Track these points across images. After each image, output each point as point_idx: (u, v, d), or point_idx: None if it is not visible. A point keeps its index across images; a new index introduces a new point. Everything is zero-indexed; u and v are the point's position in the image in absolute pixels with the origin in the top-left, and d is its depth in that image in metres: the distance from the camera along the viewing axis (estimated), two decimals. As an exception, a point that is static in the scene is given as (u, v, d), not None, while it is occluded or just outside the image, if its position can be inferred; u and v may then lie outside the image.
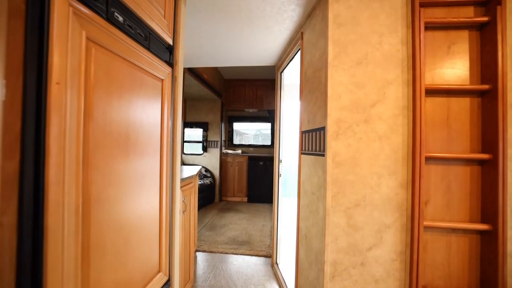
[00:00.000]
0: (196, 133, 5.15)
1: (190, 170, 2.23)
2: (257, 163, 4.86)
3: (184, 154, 5.06)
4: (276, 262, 2.30)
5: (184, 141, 5.09)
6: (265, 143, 5.54)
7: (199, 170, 2.34)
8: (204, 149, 4.96)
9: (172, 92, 1.21)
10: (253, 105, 5.06)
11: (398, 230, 1.12)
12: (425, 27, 1.11)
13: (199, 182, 4.26)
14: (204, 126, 4.97)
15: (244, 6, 1.46)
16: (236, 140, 5.66)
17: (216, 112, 4.99)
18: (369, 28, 1.15)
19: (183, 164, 4.93)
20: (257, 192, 4.84)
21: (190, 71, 3.24)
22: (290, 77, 3.21)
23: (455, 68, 1.13)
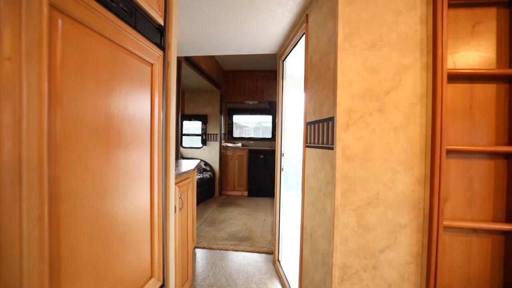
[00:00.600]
0: (195, 126, 5.03)
1: (188, 165, 2.13)
2: (258, 157, 4.76)
3: (183, 148, 4.95)
4: (278, 259, 2.22)
5: (183, 134, 4.98)
6: (266, 136, 5.42)
7: (197, 164, 2.24)
8: (203, 142, 4.85)
9: (164, 79, 1.09)
10: (254, 97, 4.93)
11: (414, 231, 1.02)
12: (448, 4, 0.98)
13: (199, 176, 4.17)
14: (203, 119, 4.85)
15: (244, -15, 1.33)
16: (236, 133, 5.55)
17: (215, 104, 4.85)
18: (384, 6, 1.02)
19: (182, 158, 4.83)
20: (258, 186, 4.76)
21: (188, 61, 3.10)
22: (293, 68, 3.07)
23: (480, 51, 1.01)
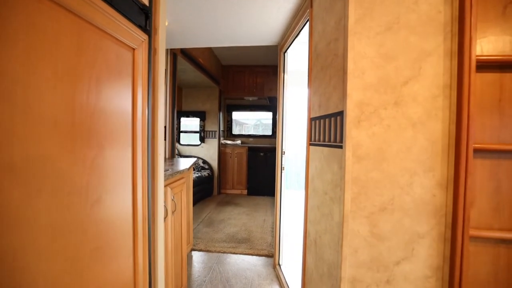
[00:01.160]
0: (193, 123, 4.90)
1: (183, 164, 2.00)
2: (258, 154, 4.64)
3: (180, 145, 4.83)
4: (279, 263, 2.11)
5: (181, 131, 4.85)
6: (266, 133, 5.30)
7: (193, 163, 2.11)
8: (202, 140, 4.72)
9: (151, 68, 0.96)
10: (253, 93, 4.79)
11: (435, 241, 0.90)
12: (477, -20, 0.85)
13: (196, 175, 4.05)
14: (202, 115, 4.71)
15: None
16: (236, 130, 5.42)
17: (214, 101, 4.72)
18: (403, -17, 0.89)
19: (180, 156, 4.70)
20: (258, 185, 4.64)
21: (184, 54, 2.96)
22: (295, 63, 2.94)
23: (512, 35, 0.88)
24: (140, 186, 0.88)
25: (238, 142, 4.94)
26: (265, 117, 5.39)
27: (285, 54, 2.08)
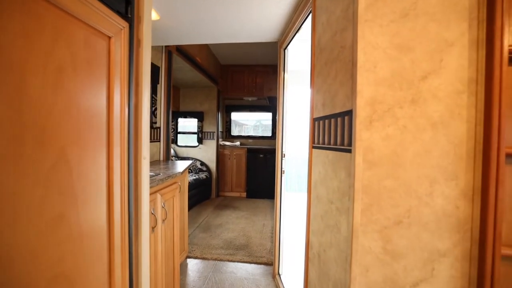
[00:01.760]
0: (191, 124, 4.78)
1: (177, 167, 1.88)
2: (257, 156, 4.52)
3: (178, 147, 4.71)
4: (279, 273, 1.98)
5: (178, 132, 4.73)
6: (266, 134, 5.18)
7: (189, 166, 2.00)
8: (200, 141, 4.60)
9: (133, 61, 0.85)
10: (253, 93, 4.67)
11: (458, 260, 0.78)
12: (507, -41, 0.73)
13: (194, 177, 3.92)
14: (199, 116, 4.59)
15: None
16: (235, 131, 5.31)
17: (212, 101, 4.60)
18: (421, -38, 0.78)
19: (177, 157, 4.59)
20: (257, 187, 4.52)
21: (180, 53, 2.84)
22: (296, 61, 2.82)
23: (547, 23, 0.76)
24: (118, 196, 0.76)
25: (237, 144, 4.83)
26: (265, 118, 5.27)
27: (285, 51, 1.96)
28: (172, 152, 4.51)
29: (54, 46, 0.52)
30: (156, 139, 2.43)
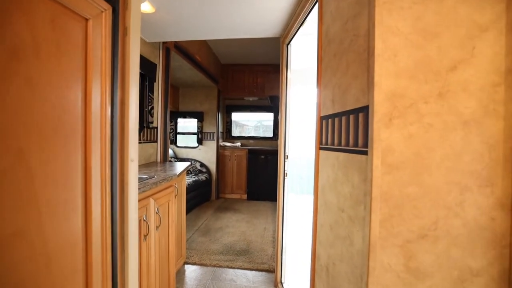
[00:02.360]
0: (191, 124, 4.69)
1: (174, 169, 1.78)
2: (258, 157, 4.42)
3: (177, 147, 4.61)
4: (281, 281, 1.87)
5: (177, 133, 4.63)
6: (267, 135, 5.08)
7: (187, 167, 1.90)
8: (199, 142, 4.50)
9: (117, 51, 0.74)
10: (254, 93, 4.58)
11: (495, 280, 0.67)
12: None
13: (193, 179, 3.82)
14: (199, 116, 4.49)
15: None
16: (235, 132, 5.21)
17: (212, 101, 4.50)
18: None
19: (176, 159, 4.48)
20: (258, 189, 4.41)
21: (179, 50, 2.74)
22: (298, 60, 2.73)
23: None
24: (98, 204, 0.66)
25: (238, 144, 4.72)
26: (266, 119, 5.17)
27: (288, 47, 1.86)
28: (171, 153, 4.41)
29: (6, 23, 0.42)
30: (153, 140, 2.33)
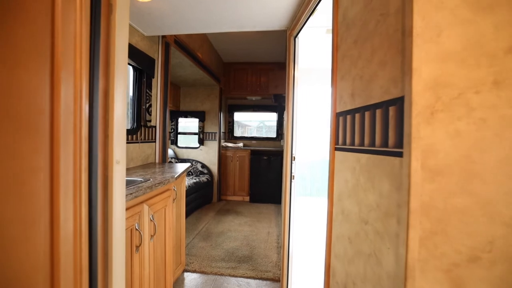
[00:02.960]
0: (192, 124, 4.57)
1: (172, 171, 1.65)
2: (261, 158, 4.28)
3: (178, 148, 4.49)
4: (287, 293, 1.74)
5: (178, 133, 4.52)
6: (270, 136, 4.95)
7: (186, 169, 1.77)
8: (201, 142, 4.38)
9: (98, 33, 0.62)
10: (257, 92, 4.45)
11: None
12: None
13: (194, 180, 3.70)
14: (201, 116, 4.37)
15: None
16: (238, 132, 5.08)
17: (214, 100, 4.38)
18: None
19: (177, 159, 4.37)
20: (261, 191, 4.28)
21: (179, 46, 2.63)
22: (304, 59, 2.60)
23: None
24: (70, 217, 0.53)
25: (240, 145, 4.60)
26: (269, 119, 5.04)
27: (296, 39, 1.73)
28: (172, 154, 4.30)
29: None
30: (151, 139, 2.21)
